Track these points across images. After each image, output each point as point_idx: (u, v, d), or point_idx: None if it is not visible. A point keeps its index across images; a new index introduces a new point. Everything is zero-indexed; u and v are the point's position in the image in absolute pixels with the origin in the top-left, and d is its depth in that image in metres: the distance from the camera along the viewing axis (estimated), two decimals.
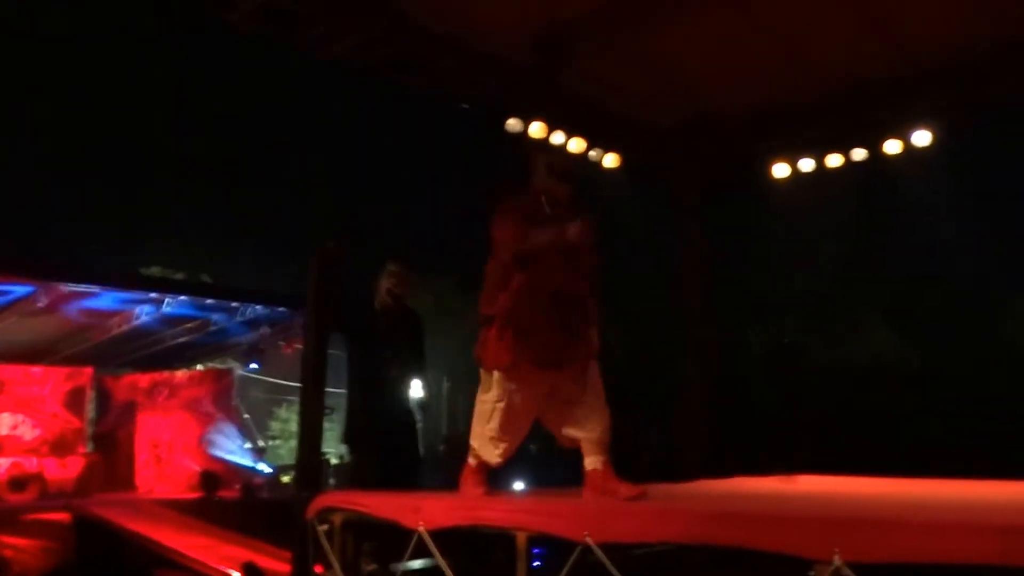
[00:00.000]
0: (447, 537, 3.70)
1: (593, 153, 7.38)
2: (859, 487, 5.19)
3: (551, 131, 7.08)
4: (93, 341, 12.70)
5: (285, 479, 12.77)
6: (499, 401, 4.08)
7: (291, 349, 13.43)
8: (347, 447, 6.10)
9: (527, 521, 3.45)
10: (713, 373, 7.82)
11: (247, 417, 15.01)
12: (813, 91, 7.06)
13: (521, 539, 3.40)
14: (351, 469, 6.71)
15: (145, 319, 12.10)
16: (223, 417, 13.50)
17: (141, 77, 37.46)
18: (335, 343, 5.73)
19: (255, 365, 14.74)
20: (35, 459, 11.59)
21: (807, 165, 7.57)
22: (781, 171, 7.67)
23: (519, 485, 9.95)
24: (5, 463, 11.22)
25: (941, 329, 17.44)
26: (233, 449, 13.36)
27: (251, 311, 12.26)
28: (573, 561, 3.15)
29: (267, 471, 13.51)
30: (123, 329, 12.36)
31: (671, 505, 3.64)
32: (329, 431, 7.31)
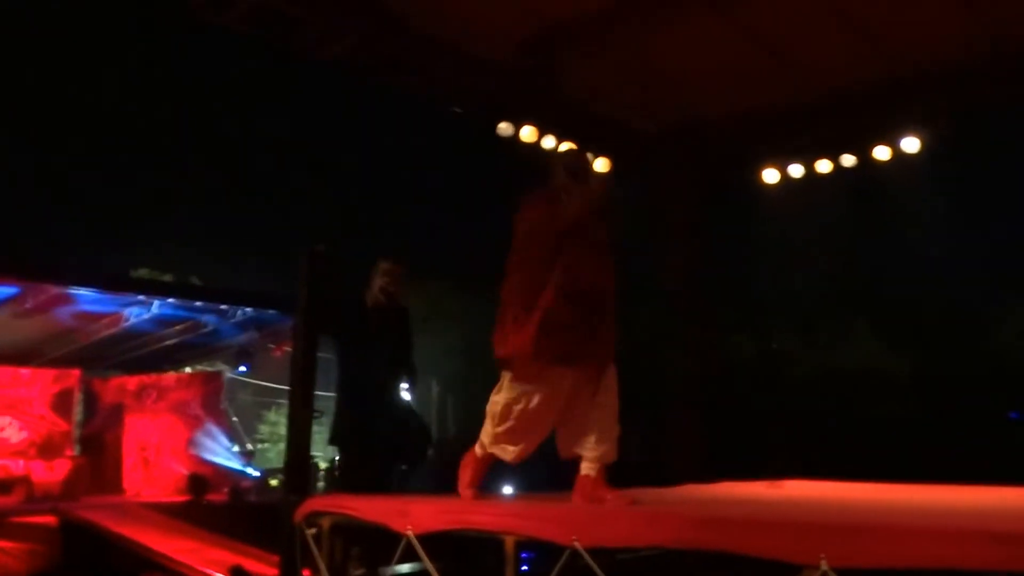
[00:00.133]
0: (435, 541, 3.69)
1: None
2: (846, 492, 5.20)
3: (542, 135, 7.11)
4: (81, 343, 12.64)
5: (273, 482, 12.71)
6: (518, 400, 4.01)
7: (280, 352, 13.40)
8: (337, 447, 6.07)
9: (515, 525, 3.44)
10: (701, 378, 7.83)
11: (235, 420, 14.98)
12: (803, 97, 7.11)
13: (509, 543, 3.40)
14: (340, 469, 6.68)
15: (134, 321, 12.05)
16: (212, 420, 13.44)
17: (132, 77, 37.37)
18: (325, 346, 5.71)
19: (244, 368, 14.70)
20: (22, 461, 11.51)
21: (797, 171, 7.61)
22: (771, 177, 7.70)
23: (507, 489, 9.94)
24: None
25: (930, 336, 17.51)
26: (221, 452, 13.31)
27: (241, 313, 12.23)
28: (561, 565, 3.15)
29: (255, 474, 13.47)
30: (112, 331, 12.31)
31: (659, 510, 3.64)
32: (318, 434, 7.29)
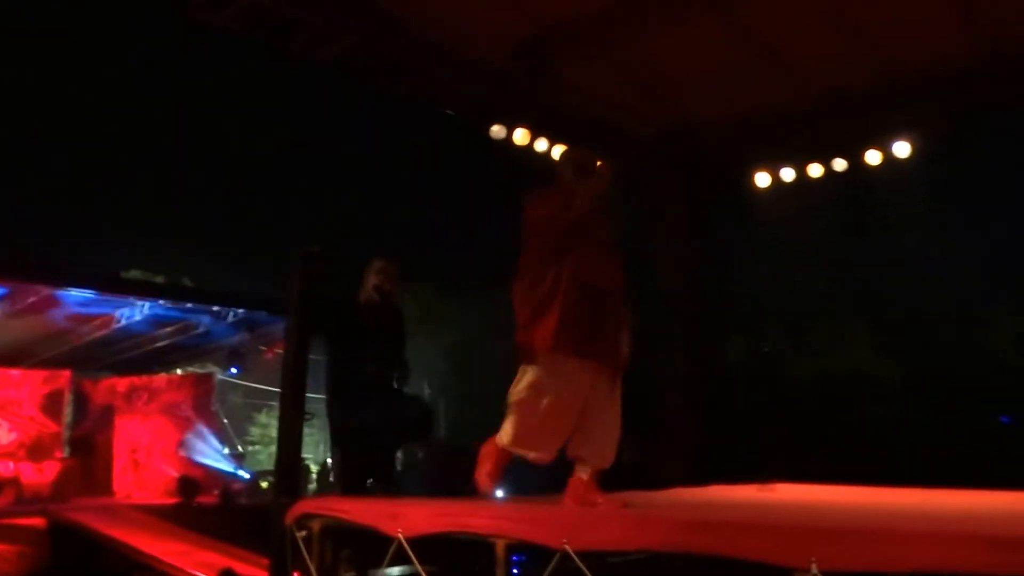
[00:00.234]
0: (426, 544, 3.69)
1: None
2: (837, 496, 5.20)
3: (535, 138, 7.11)
4: (72, 344, 12.61)
5: (264, 485, 12.69)
6: (541, 394, 3.96)
7: (272, 354, 13.38)
8: (334, 447, 6.00)
9: (506, 528, 3.44)
10: (693, 380, 7.84)
11: (226, 422, 14.95)
12: (795, 101, 7.12)
13: (500, 546, 3.40)
14: (337, 470, 6.62)
15: (126, 322, 12.02)
16: (202, 422, 13.42)
17: (124, 79, 37.28)
18: (316, 348, 5.67)
19: (235, 370, 14.67)
20: (11, 463, 11.47)
21: (788, 175, 7.62)
22: (763, 180, 7.71)
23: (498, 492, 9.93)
24: None
25: (923, 340, 17.59)
26: (212, 454, 13.29)
27: (233, 314, 12.21)
28: (552, 568, 3.15)
29: (246, 477, 13.44)
30: (103, 332, 12.28)
31: (649, 513, 3.64)
32: (309, 437, 7.28)
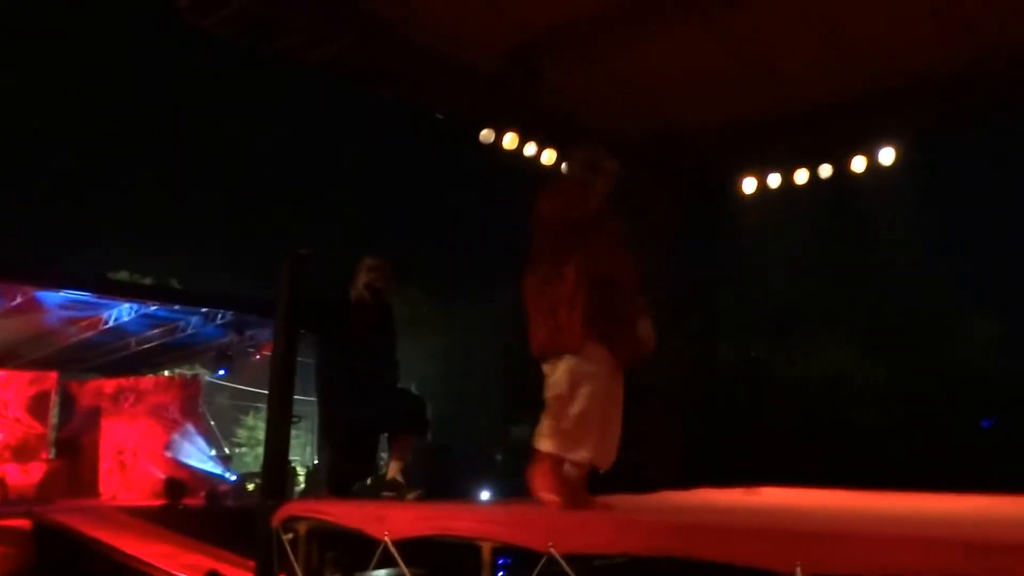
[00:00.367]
0: (412, 547, 3.70)
1: (565, 165, 7.43)
2: (822, 500, 5.23)
3: (524, 142, 7.14)
4: (59, 345, 12.56)
5: (250, 487, 12.67)
6: (580, 384, 3.86)
7: (260, 356, 13.36)
8: (324, 447, 5.99)
9: (492, 531, 3.45)
10: (679, 384, 7.87)
11: (213, 424, 14.91)
12: (781, 108, 7.17)
13: (486, 549, 3.41)
14: (326, 470, 6.61)
15: (114, 324, 12.00)
16: (189, 424, 13.39)
17: (110, 79, 37.12)
18: (304, 351, 5.67)
19: (223, 371, 14.64)
20: None
21: (775, 180, 7.67)
22: (749, 186, 7.76)
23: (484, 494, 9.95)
24: None
25: (904, 346, 17.72)
26: (199, 456, 13.25)
27: (221, 316, 12.20)
28: (538, 572, 3.16)
29: (232, 479, 13.41)
30: (90, 334, 12.24)
31: (636, 517, 3.65)
32: (296, 439, 7.27)
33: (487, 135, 7.01)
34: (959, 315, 18.83)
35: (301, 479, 13.21)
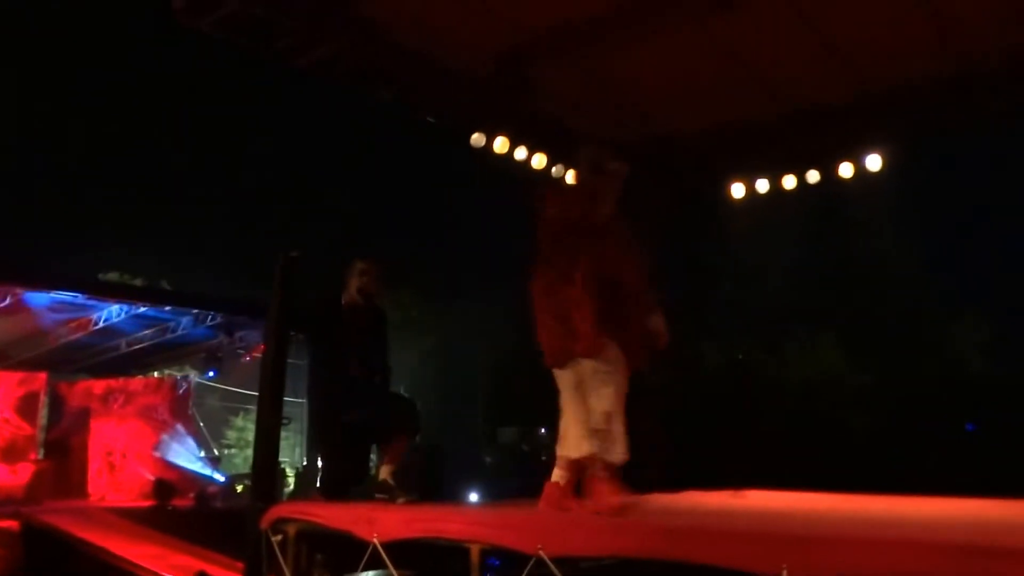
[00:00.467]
0: (402, 549, 3.71)
1: (555, 169, 7.46)
2: (808, 503, 5.25)
3: (514, 146, 7.16)
4: (49, 346, 12.52)
5: (240, 488, 12.65)
6: (606, 383, 3.91)
7: (250, 357, 13.35)
8: (317, 448, 5.98)
9: (481, 533, 3.47)
10: (667, 387, 7.89)
11: (202, 425, 14.88)
12: (769, 114, 7.19)
13: (475, 551, 3.43)
14: (321, 472, 6.60)
15: (104, 325, 11.97)
16: (179, 425, 13.36)
17: (100, 81, 36.97)
18: (296, 353, 5.68)
19: (212, 373, 14.62)
20: None
21: (763, 186, 7.70)
22: (738, 191, 7.79)
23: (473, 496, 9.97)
24: None
25: (892, 349, 17.81)
26: (188, 457, 13.22)
27: (211, 317, 12.18)
28: (526, 574, 3.18)
29: (222, 480, 13.39)
30: (80, 334, 12.21)
31: (623, 519, 3.67)
32: (286, 440, 7.27)
33: (478, 139, 7.03)
34: (948, 319, 18.94)
35: (291, 481, 13.20)
